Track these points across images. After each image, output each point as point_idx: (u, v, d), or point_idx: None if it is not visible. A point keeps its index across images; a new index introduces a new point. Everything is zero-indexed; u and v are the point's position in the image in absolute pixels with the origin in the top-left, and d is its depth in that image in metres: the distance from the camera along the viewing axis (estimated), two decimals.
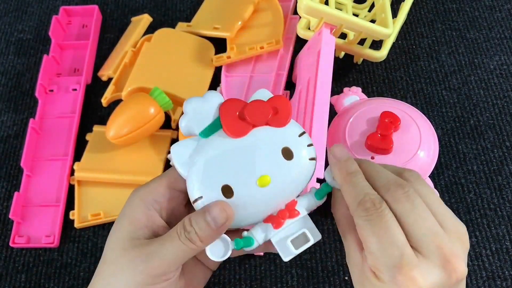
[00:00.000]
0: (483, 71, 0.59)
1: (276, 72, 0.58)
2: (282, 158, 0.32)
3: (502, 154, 0.54)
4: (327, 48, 0.49)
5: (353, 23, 0.50)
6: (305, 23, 0.58)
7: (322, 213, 0.51)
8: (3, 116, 0.61)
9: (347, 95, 0.53)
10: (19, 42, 0.67)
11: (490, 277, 0.47)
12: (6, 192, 0.56)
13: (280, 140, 0.33)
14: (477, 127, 0.55)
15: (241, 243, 0.31)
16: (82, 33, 0.66)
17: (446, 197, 0.52)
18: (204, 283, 0.34)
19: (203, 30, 0.62)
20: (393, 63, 0.60)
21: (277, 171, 0.32)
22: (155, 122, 0.53)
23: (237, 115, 0.32)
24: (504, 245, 0.49)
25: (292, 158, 0.33)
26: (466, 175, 0.53)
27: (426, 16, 0.64)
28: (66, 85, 0.61)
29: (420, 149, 0.47)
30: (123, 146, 0.55)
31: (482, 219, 0.50)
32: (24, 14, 0.69)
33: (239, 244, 0.31)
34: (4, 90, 0.63)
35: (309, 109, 0.47)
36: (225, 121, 0.31)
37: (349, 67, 0.60)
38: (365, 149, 0.47)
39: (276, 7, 0.62)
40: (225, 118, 0.31)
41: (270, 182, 0.32)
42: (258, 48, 0.58)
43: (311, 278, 0.49)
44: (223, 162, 0.32)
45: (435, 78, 0.59)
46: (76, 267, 0.51)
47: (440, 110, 0.57)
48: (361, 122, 0.49)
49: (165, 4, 0.69)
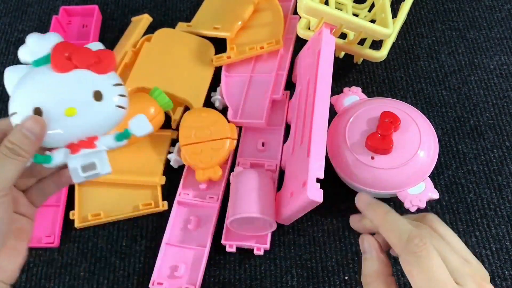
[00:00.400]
0: (483, 71, 0.59)
1: (276, 72, 0.58)
2: (92, 98, 0.37)
3: (502, 154, 0.54)
4: (327, 48, 0.49)
5: (353, 23, 0.51)
6: (305, 23, 0.58)
7: (322, 213, 0.51)
8: (3, 116, 0.61)
9: (347, 95, 0.53)
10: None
11: (490, 277, 0.47)
12: None
13: (95, 83, 0.38)
14: (477, 127, 0.55)
15: (40, 158, 0.36)
16: (82, 33, 0.66)
17: (446, 197, 0.52)
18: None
19: (203, 30, 0.62)
20: (393, 63, 0.60)
21: (84, 107, 0.37)
22: (155, 122, 0.53)
23: (65, 55, 0.37)
24: (504, 245, 0.49)
25: (101, 100, 0.37)
26: (466, 175, 0.53)
27: (426, 16, 0.64)
28: None
29: (420, 149, 0.47)
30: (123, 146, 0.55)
31: (482, 219, 0.50)
32: (24, 14, 0.69)
33: (38, 159, 0.36)
34: (4, 91, 0.63)
35: (309, 109, 0.47)
36: (53, 56, 0.37)
37: (349, 67, 0.60)
38: (365, 149, 0.47)
39: (276, 7, 0.62)
40: (54, 54, 0.37)
41: (75, 114, 0.37)
42: (258, 48, 0.58)
43: (311, 278, 0.49)
44: (41, 88, 0.37)
45: (435, 78, 0.59)
46: (77, 267, 0.51)
47: (440, 110, 0.57)
48: (361, 122, 0.49)
49: (165, 4, 0.69)
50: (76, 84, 0.37)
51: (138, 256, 0.51)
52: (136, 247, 0.52)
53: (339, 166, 0.49)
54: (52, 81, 0.37)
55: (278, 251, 0.50)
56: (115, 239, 0.52)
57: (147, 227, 0.53)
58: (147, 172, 0.54)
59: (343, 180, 0.50)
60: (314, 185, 0.43)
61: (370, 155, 0.47)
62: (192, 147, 0.53)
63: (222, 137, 0.53)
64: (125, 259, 0.51)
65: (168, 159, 0.55)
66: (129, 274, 0.50)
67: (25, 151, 0.34)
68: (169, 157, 0.55)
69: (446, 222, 0.50)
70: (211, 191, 0.53)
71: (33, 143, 0.34)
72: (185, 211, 0.53)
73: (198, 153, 0.53)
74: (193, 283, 0.48)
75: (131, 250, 0.51)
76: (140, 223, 0.53)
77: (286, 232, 0.51)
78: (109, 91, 0.38)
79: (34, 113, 0.36)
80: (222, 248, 0.50)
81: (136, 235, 0.52)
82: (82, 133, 0.37)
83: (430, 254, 0.30)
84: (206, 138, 0.53)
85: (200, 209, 0.52)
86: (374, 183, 0.47)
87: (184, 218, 0.52)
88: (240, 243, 0.50)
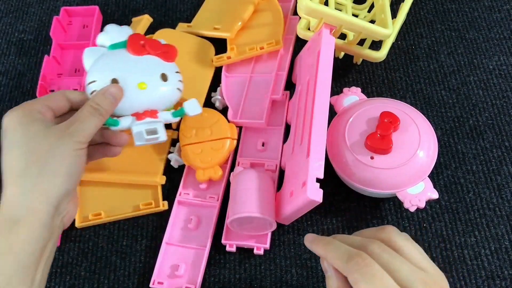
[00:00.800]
0: (482, 72, 0.59)
1: (275, 72, 0.58)
2: (160, 78, 0.46)
3: (501, 154, 0.54)
4: (327, 48, 0.50)
5: (353, 24, 0.51)
6: (305, 24, 0.58)
7: (322, 212, 0.51)
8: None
9: (346, 95, 0.53)
10: (20, 43, 0.67)
11: (489, 276, 0.48)
12: None
13: (163, 67, 0.47)
14: (476, 127, 0.56)
15: (110, 121, 0.43)
16: (83, 33, 0.66)
17: (445, 197, 0.52)
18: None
19: (203, 31, 0.62)
20: (392, 64, 0.61)
21: (153, 84, 0.46)
22: None
23: (140, 43, 0.47)
24: (503, 245, 0.49)
25: (166, 81, 0.47)
26: (465, 175, 0.53)
27: (425, 16, 0.64)
28: (67, 86, 0.61)
29: (420, 149, 0.47)
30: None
31: (481, 218, 0.50)
32: (25, 15, 0.70)
33: (108, 121, 0.43)
34: (5, 91, 0.63)
35: (309, 109, 0.48)
36: (130, 42, 0.47)
37: (349, 67, 0.61)
38: (364, 149, 0.47)
39: (276, 7, 0.62)
40: (131, 41, 0.47)
41: (146, 88, 0.45)
42: (258, 48, 0.58)
43: (310, 278, 0.49)
44: (118, 64, 0.46)
45: (434, 78, 0.59)
46: (77, 267, 0.51)
47: (440, 110, 0.57)
48: (361, 122, 0.49)
49: (165, 5, 0.69)
50: (148, 66, 0.47)
51: (138, 256, 0.51)
52: (137, 246, 0.52)
53: (338, 166, 0.49)
54: (128, 61, 0.46)
55: (278, 250, 0.50)
56: (115, 239, 0.52)
57: (147, 226, 0.53)
58: (147, 172, 0.54)
59: (343, 180, 0.50)
60: (314, 185, 0.43)
61: (370, 155, 0.47)
62: (192, 147, 0.53)
63: (222, 137, 0.53)
64: (125, 259, 0.51)
65: (168, 159, 0.55)
66: (130, 274, 0.50)
67: (106, 111, 0.41)
68: (170, 157, 0.55)
69: (446, 222, 0.50)
70: (211, 191, 0.53)
71: (113, 106, 0.42)
72: (185, 211, 0.53)
73: (198, 153, 0.53)
74: (194, 283, 0.48)
75: (132, 250, 0.52)
76: (140, 222, 0.53)
77: (286, 231, 0.51)
78: (173, 75, 0.48)
79: (112, 82, 0.45)
80: (222, 247, 0.50)
81: (136, 235, 0.52)
82: (148, 105, 0.45)
83: (372, 268, 0.31)
84: (206, 138, 0.53)
85: (200, 209, 0.53)
86: (374, 183, 0.47)
87: (184, 217, 0.52)
88: (240, 242, 0.50)
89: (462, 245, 0.49)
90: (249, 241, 0.50)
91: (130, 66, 0.46)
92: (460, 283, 0.47)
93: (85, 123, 0.40)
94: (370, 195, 0.50)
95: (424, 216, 0.51)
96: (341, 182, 0.51)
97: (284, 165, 0.53)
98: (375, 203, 0.52)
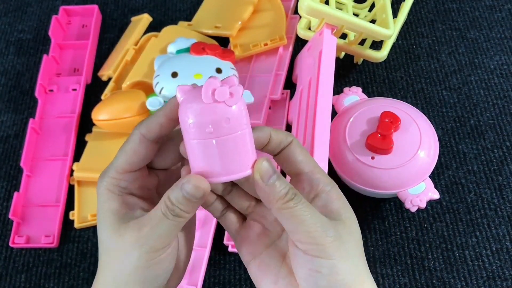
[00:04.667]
0: (483, 71, 0.59)
1: (274, 72, 0.58)
2: (214, 71, 0.53)
3: (502, 154, 0.54)
4: (329, 48, 0.49)
5: (355, 25, 0.50)
6: (305, 23, 0.58)
7: None
8: (3, 116, 0.61)
9: (347, 95, 0.53)
10: (19, 42, 0.67)
11: (491, 277, 0.47)
12: (6, 192, 0.56)
13: (218, 63, 0.54)
14: (477, 127, 0.55)
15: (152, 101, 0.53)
16: (82, 33, 0.66)
17: (446, 197, 0.52)
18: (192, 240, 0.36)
19: (205, 29, 0.62)
20: (393, 63, 0.60)
21: (208, 75, 0.51)
22: (139, 118, 0.53)
23: (201, 47, 0.55)
24: (505, 245, 0.49)
25: (221, 73, 0.53)
26: (466, 175, 0.53)
27: (426, 16, 0.64)
28: (66, 85, 0.61)
29: (420, 149, 0.47)
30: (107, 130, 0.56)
31: (482, 219, 0.50)
32: (24, 14, 0.69)
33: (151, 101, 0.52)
34: (4, 90, 0.63)
35: (311, 110, 0.47)
36: (193, 46, 0.55)
37: (349, 67, 0.60)
38: (365, 149, 0.47)
39: (278, 5, 0.62)
40: (194, 45, 0.56)
41: (201, 78, 0.52)
42: (262, 45, 0.58)
43: None
44: (180, 62, 0.54)
45: (435, 78, 0.59)
46: (76, 267, 0.51)
47: (440, 110, 0.57)
48: (361, 122, 0.49)
49: (165, 4, 0.68)
50: (205, 62, 0.54)
51: None
52: None
53: (339, 166, 0.49)
54: (189, 59, 0.55)
55: None
56: None
57: None
58: None
59: (343, 180, 0.50)
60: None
61: (370, 155, 0.47)
62: None
63: None
64: None
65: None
66: None
67: (188, 211, 0.30)
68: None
69: (447, 222, 0.50)
70: None
71: (192, 205, 0.30)
72: None
73: None
74: (194, 284, 0.48)
75: None
76: None
77: None
78: (227, 69, 0.54)
79: (172, 75, 0.53)
80: (222, 248, 0.50)
81: None
82: None
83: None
84: None
85: (200, 210, 0.52)
86: (374, 183, 0.47)
87: None
88: None
89: (463, 246, 0.49)
90: None
91: (190, 62, 0.54)
92: (461, 284, 0.47)
93: (158, 228, 0.30)
94: (370, 195, 0.49)
95: (425, 216, 0.51)
96: (342, 182, 0.51)
97: None
98: (375, 204, 0.52)
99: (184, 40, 0.58)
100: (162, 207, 0.30)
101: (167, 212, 0.30)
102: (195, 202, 0.30)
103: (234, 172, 0.28)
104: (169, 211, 0.30)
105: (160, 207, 0.30)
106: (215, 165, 0.28)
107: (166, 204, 0.30)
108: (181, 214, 0.30)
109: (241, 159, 0.28)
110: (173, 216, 0.30)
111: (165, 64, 0.54)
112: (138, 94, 0.54)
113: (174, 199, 0.29)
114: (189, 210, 0.30)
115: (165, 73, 0.53)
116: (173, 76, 0.53)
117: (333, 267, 0.29)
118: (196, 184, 0.29)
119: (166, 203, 0.30)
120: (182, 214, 0.30)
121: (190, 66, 0.53)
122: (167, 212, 0.30)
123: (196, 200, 0.29)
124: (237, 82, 0.27)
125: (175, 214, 0.30)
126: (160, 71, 0.54)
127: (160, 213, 0.30)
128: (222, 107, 0.27)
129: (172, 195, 0.30)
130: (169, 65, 0.54)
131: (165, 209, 0.30)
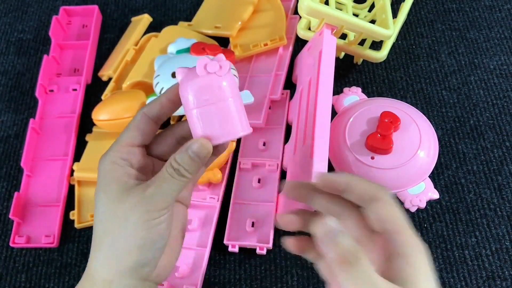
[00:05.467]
0: (483, 71, 0.59)
1: (274, 72, 0.58)
2: None
3: (502, 154, 0.54)
4: (329, 49, 0.49)
5: (355, 25, 0.50)
6: (305, 24, 0.58)
7: None
8: (3, 116, 0.61)
9: (347, 95, 0.53)
10: (19, 42, 0.67)
11: (490, 277, 0.47)
12: (6, 192, 0.56)
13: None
14: (477, 127, 0.55)
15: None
16: (82, 33, 0.66)
17: (446, 197, 0.52)
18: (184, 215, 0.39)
19: (204, 29, 0.62)
20: (393, 63, 0.60)
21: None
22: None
23: (201, 47, 0.56)
24: (504, 245, 0.49)
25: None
26: (466, 175, 0.53)
27: (426, 16, 0.64)
28: (66, 85, 0.61)
29: (420, 149, 0.47)
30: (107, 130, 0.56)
31: (482, 219, 0.50)
32: (24, 14, 0.69)
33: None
34: (4, 90, 0.63)
35: (312, 110, 0.47)
36: (193, 46, 0.56)
37: (349, 67, 0.60)
38: (365, 149, 0.47)
39: (277, 5, 0.62)
40: (194, 46, 0.56)
41: None
42: (262, 45, 0.58)
43: (311, 278, 0.49)
44: (180, 62, 0.54)
45: (435, 78, 0.59)
46: (76, 267, 0.51)
47: (440, 110, 0.57)
48: (361, 122, 0.49)
49: (165, 4, 0.69)
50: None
51: None
52: None
53: (339, 166, 0.49)
54: (189, 59, 0.55)
55: (278, 251, 0.50)
56: None
57: None
58: None
59: None
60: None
61: (370, 155, 0.47)
62: None
63: None
64: None
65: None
66: None
67: (191, 172, 0.33)
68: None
69: (446, 222, 0.50)
70: (212, 191, 0.53)
71: (196, 165, 0.33)
72: None
73: None
74: (194, 284, 0.48)
75: None
76: None
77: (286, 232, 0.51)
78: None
79: (172, 75, 0.53)
80: (222, 248, 0.50)
81: None
82: None
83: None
84: None
85: (200, 210, 0.52)
86: None
87: None
88: (242, 243, 0.50)
89: (463, 246, 0.49)
90: (252, 241, 0.49)
91: (190, 62, 0.53)
92: (461, 284, 0.47)
93: (163, 187, 0.33)
94: None
95: (425, 216, 0.51)
96: None
97: (286, 166, 0.52)
98: None
99: (184, 40, 0.58)
100: (168, 168, 0.33)
101: (172, 172, 0.33)
102: (199, 162, 0.33)
103: (230, 134, 0.33)
104: (175, 171, 0.33)
105: (165, 169, 0.33)
106: (214, 129, 0.33)
107: (172, 165, 0.33)
108: (185, 174, 0.33)
109: (234, 123, 0.33)
110: (178, 176, 0.33)
111: (165, 64, 0.55)
112: (138, 94, 0.54)
113: (180, 160, 0.33)
114: (192, 170, 0.33)
115: (165, 73, 0.53)
116: (173, 76, 0.53)
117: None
118: (202, 143, 0.33)
119: (172, 164, 0.33)
120: (185, 173, 0.33)
121: (189, 66, 0.53)
122: (172, 172, 0.33)
123: (199, 160, 0.33)
124: (224, 58, 0.33)
125: (180, 174, 0.33)
126: (160, 71, 0.54)
127: (166, 174, 0.33)
128: (214, 77, 0.32)
129: (178, 156, 0.33)
130: (169, 65, 0.54)
131: (171, 170, 0.33)
